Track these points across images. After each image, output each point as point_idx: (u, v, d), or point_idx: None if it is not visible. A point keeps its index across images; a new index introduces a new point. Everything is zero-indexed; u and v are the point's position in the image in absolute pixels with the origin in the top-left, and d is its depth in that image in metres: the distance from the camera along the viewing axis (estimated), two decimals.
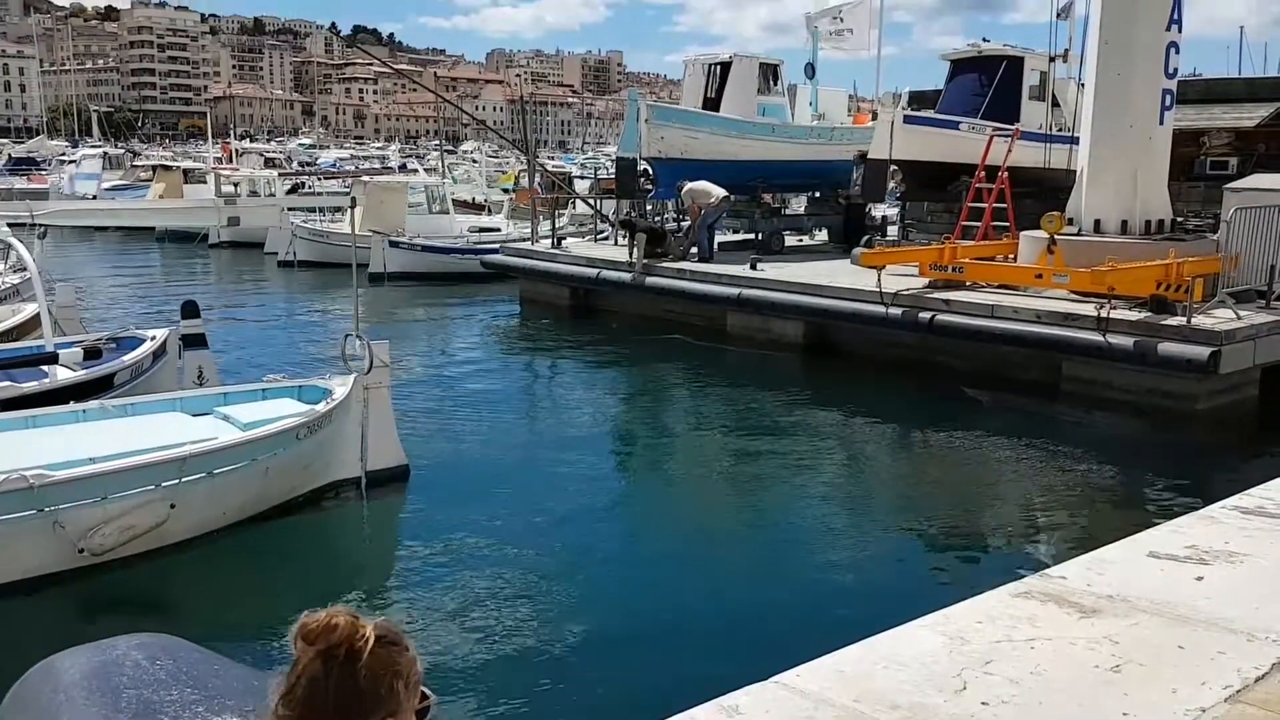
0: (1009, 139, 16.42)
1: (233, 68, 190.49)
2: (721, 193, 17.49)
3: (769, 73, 20.24)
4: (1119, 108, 13.84)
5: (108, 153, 50.09)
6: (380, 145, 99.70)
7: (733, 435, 11.67)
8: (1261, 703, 3.16)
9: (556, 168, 44.16)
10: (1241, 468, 9.66)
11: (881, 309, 13.67)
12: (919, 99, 21.82)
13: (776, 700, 3.15)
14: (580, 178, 39.07)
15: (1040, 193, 16.41)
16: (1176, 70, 14.09)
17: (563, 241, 20.37)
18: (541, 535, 8.11)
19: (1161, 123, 13.96)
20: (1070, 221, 13.99)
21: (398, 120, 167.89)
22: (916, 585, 7.44)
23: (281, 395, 9.00)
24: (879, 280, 13.72)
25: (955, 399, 12.54)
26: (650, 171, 18.95)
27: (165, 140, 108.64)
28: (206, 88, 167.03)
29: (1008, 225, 15.76)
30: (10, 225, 11.20)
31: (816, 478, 10.09)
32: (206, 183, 35.94)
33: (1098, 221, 13.95)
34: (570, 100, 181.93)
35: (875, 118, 19.93)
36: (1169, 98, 13.96)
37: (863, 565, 7.83)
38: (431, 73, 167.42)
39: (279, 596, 6.93)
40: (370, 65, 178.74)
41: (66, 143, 74.52)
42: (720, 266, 16.69)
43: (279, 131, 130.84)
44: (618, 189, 20.84)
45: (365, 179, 31.63)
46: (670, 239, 17.91)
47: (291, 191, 35.76)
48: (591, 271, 18.19)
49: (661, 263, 17.25)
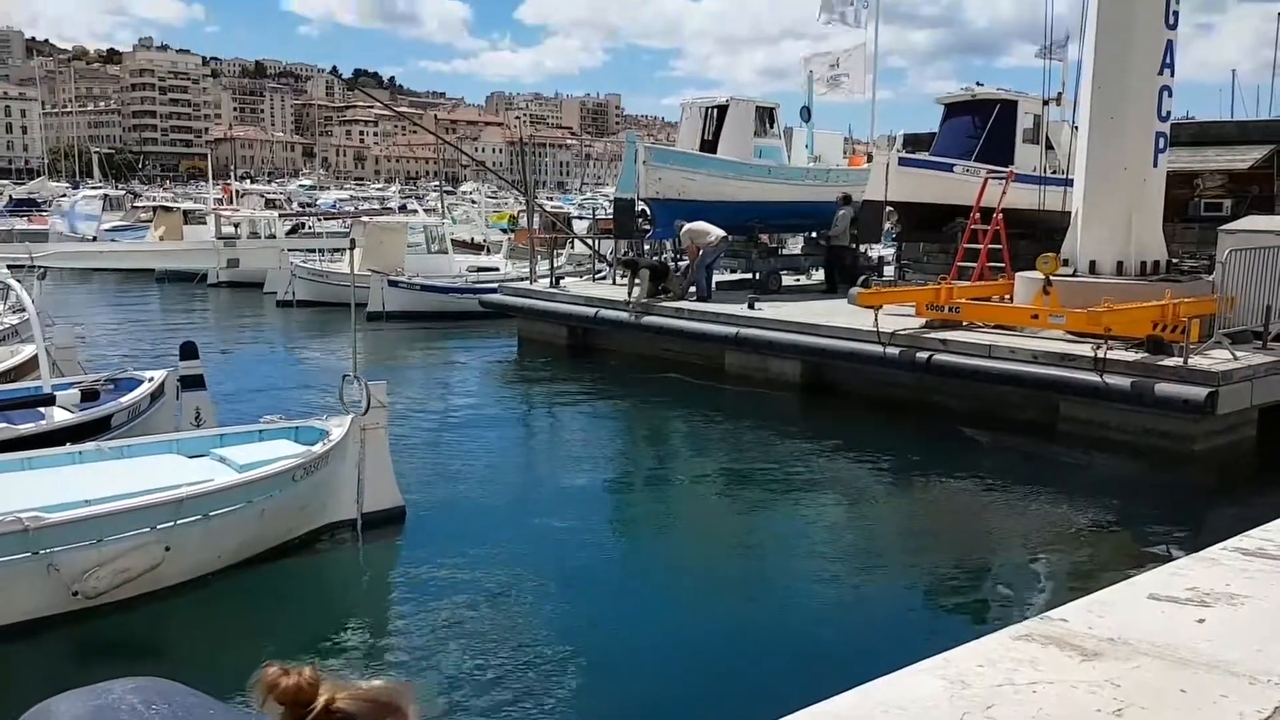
0: (1003, 181, 16.55)
1: (234, 110, 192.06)
2: (720, 233, 17.60)
3: (765, 115, 20.43)
4: (1113, 150, 13.97)
5: (108, 194, 50.29)
6: (380, 186, 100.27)
7: (730, 475, 11.64)
8: None
9: (555, 208, 44.47)
10: (1241, 509, 9.62)
11: (879, 348, 13.70)
12: (914, 142, 22.03)
13: None
14: (579, 218, 39.28)
15: (1035, 234, 16.51)
16: (1169, 113, 14.23)
17: (561, 281, 20.46)
18: (538, 577, 8.06)
19: (1155, 165, 14.09)
20: (1065, 262, 14.06)
21: (398, 161, 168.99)
22: (915, 628, 7.39)
23: (278, 436, 8.98)
24: (876, 320, 13.77)
25: (953, 439, 12.52)
26: (648, 212, 19.07)
27: (166, 182, 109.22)
28: (207, 129, 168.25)
29: (1003, 266, 15.84)
30: (10, 267, 11.24)
31: (814, 519, 10.05)
32: (207, 224, 36.09)
33: (1093, 263, 14.03)
34: (569, 142, 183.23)
35: (870, 160, 20.11)
36: (1162, 140, 14.09)
37: (860, 608, 7.78)
38: (432, 115, 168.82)
39: (274, 640, 6.87)
40: (371, 107, 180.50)
41: (67, 184, 74.93)
42: (718, 306, 16.75)
43: (280, 173, 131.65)
44: (616, 229, 20.96)
45: (365, 219, 31.81)
46: (672, 275, 18.00)
47: (292, 232, 35.91)
48: (589, 311, 18.24)
49: (660, 302, 17.33)
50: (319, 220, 41.66)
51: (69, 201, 42.82)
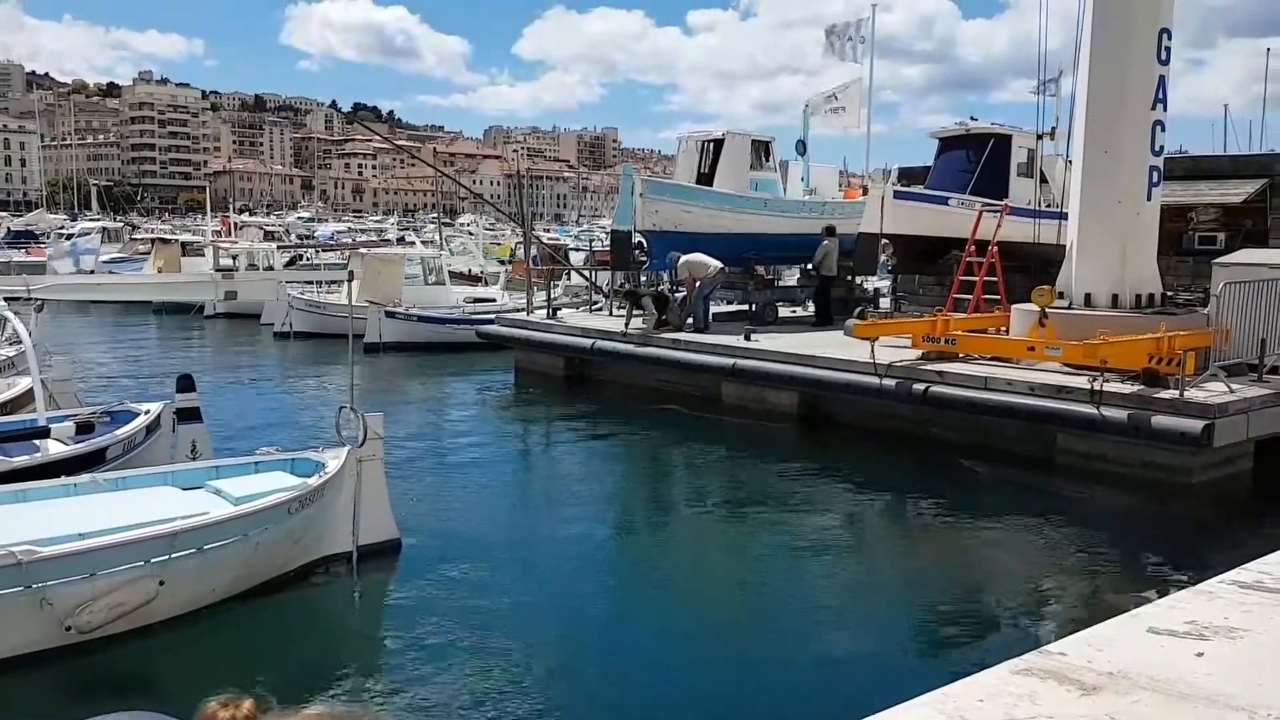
0: (998, 214, 16.64)
1: (233, 143, 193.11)
2: (718, 264, 17.69)
3: (761, 149, 20.58)
4: (1107, 184, 14.07)
5: (106, 227, 50.43)
6: (378, 218, 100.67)
7: (727, 507, 11.61)
8: None
9: (552, 240, 44.65)
10: (1238, 541, 9.61)
11: (875, 380, 13.72)
12: (908, 175, 22.17)
13: None
14: (575, 250, 39.44)
15: (1030, 267, 16.58)
16: (1163, 148, 14.36)
17: (558, 312, 20.52)
18: (534, 611, 8.02)
19: (1149, 199, 14.18)
20: (1061, 295, 14.12)
21: (396, 194, 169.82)
22: (913, 662, 7.35)
23: (274, 468, 8.96)
24: (872, 352, 13.79)
25: (950, 471, 12.51)
26: (645, 243, 19.15)
27: (164, 214, 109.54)
28: (206, 162, 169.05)
29: (999, 298, 15.90)
30: (7, 299, 11.24)
31: (811, 552, 10.01)
32: (205, 256, 36.15)
33: (1088, 295, 14.09)
34: (566, 175, 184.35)
35: (866, 193, 20.23)
36: (1156, 174, 14.20)
37: (858, 642, 7.74)
38: (430, 148, 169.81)
39: (267, 675, 6.80)
40: (370, 141, 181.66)
41: (65, 216, 75.09)
42: (715, 337, 16.79)
43: (278, 205, 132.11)
44: (612, 261, 21.05)
45: (363, 251, 31.89)
46: (672, 306, 18.05)
47: (290, 264, 35.99)
48: (586, 342, 18.28)
49: (657, 333, 17.37)
50: (317, 252, 41.77)
51: (69, 243, 42.89)
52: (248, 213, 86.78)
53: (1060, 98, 18.57)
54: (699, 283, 17.68)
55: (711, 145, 20.31)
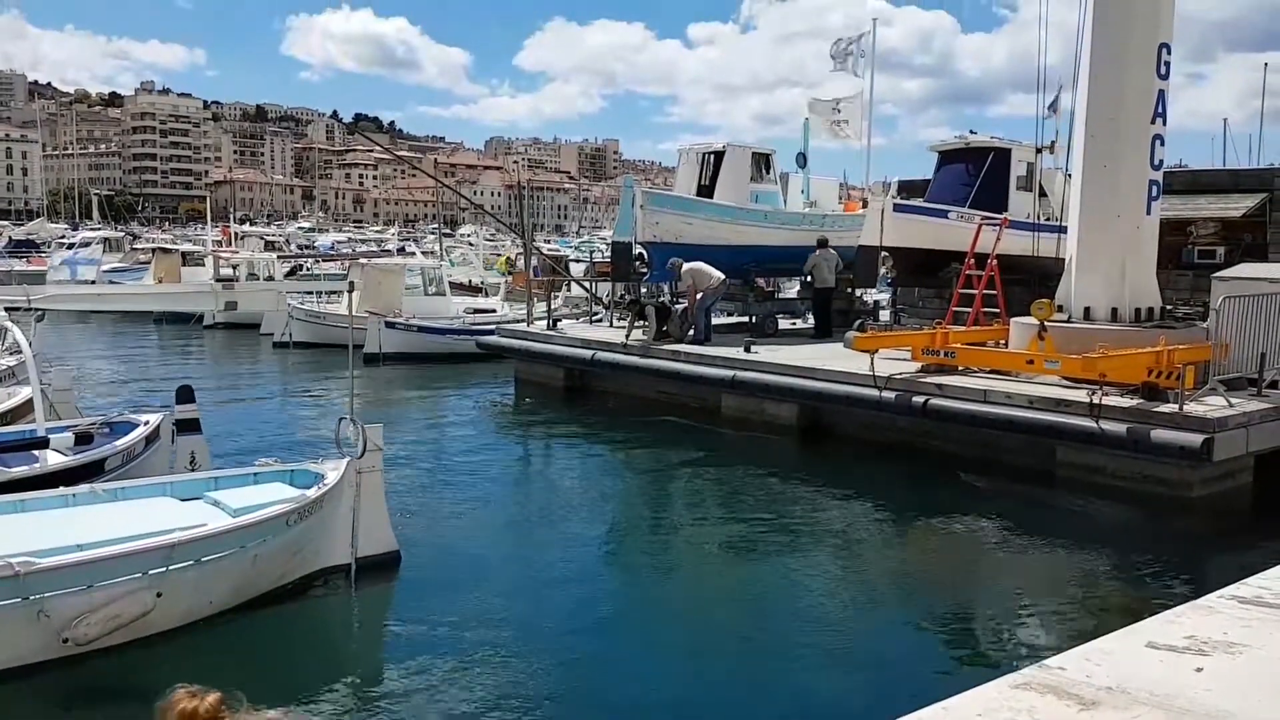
0: (998, 228, 16.67)
1: (234, 153, 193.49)
2: (719, 275, 17.71)
3: (761, 161, 20.61)
4: (1107, 198, 14.09)
5: (107, 236, 50.48)
6: (379, 229, 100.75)
7: (727, 521, 11.59)
8: None
9: (552, 250, 44.66)
10: (1238, 556, 9.59)
11: (875, 392, 13.71)
12: (908, 188, 22.21)
13: None
14: (576, 261, 39.48)
15: (1030, 280, 16.60)
16: (1162, 162, 14.39)
17: (558, 323, 20.52)
18: (533, 624, 8.00)
19: (1149, 213, 14.20)
20: (1060, 308, 14.13)
21: (396, 204, 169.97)
22: (913, 676, 7.32)
23: (273, 480, 8.95)
24: (872, 364, 13.79)
25: (950, 484, 12.49)
26: (645, 255, 19.17)
27: (165, 224, 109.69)
28: (207, 172, 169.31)
29: (998, 311, 15.91)
30: (8, 309, 11.24)
31: (811, 565, 9.99)
32: (205, 265, 36.19)
33: (1088, 309, 14.10)
34: (567, 186, 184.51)
35: (866, 205, 20.26)
36: (1155, 188, 14.22)
37: (858, 656, 7.72)
38: (431, 159, 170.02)
39: (265, 688, 6.74)
40: (371, 151, 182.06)
41: (66, 225, 75.22)
42: (714, 349, 16.79)
43: (279, 215, 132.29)
44: (613, 272, 21.07)
45: (363, 261, 31.91)
46: (674, 317, 18.05)
47: (290, 274, 36.03)
48: (586, 353, 18.28)
49: (657, 344, 17.38)
50: (317, 262, 41.80)
51: (66, 253, 42.97)
52: (248, 222, 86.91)
53: (1060, 112, 18.62)
54: (700, 294, 17.69)
55: (712, 157, 20.34)
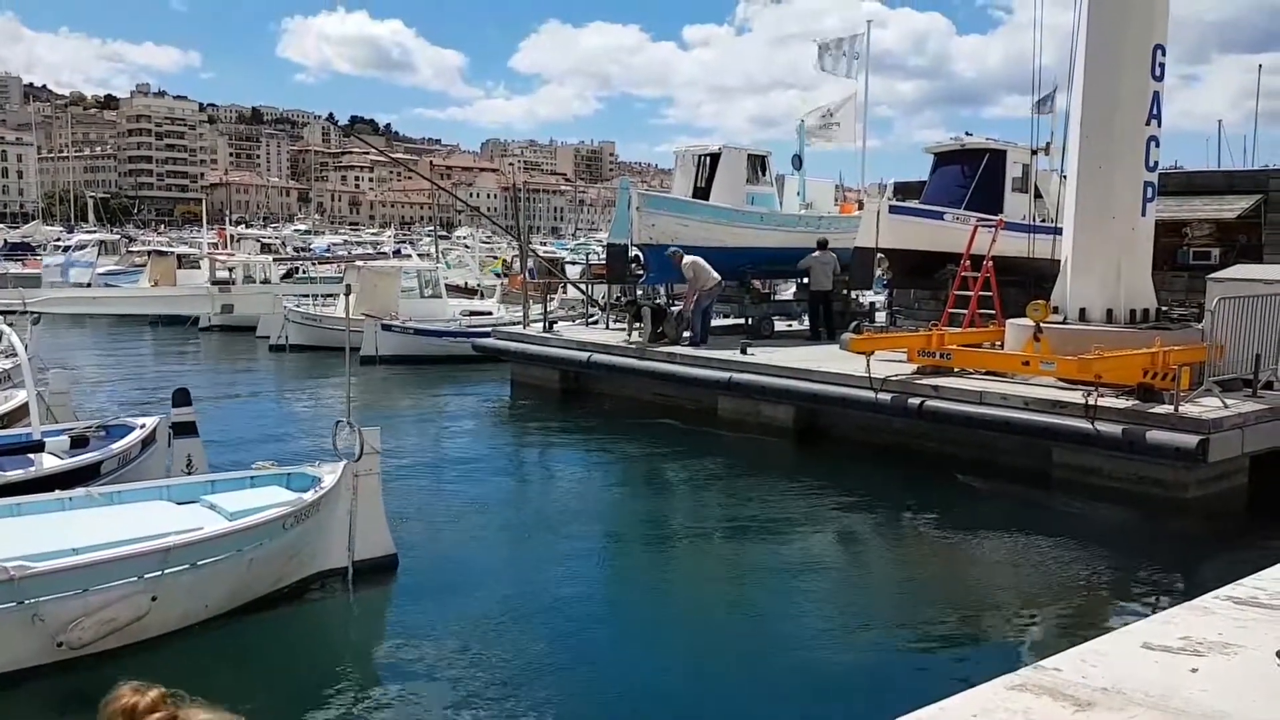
0: (993, 229, 16.70)
1: (230, 155, 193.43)
2: (717, 276, 17.73)
3: (757, 163, 20.62)
4: (1101, 200, 14.12)
5: (103, 239, 50.40)
6: (375, 231, 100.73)
7: (723, 523, 11.59)
8: None
9: (548, 253, 44.69)
10: (1232, 557, 9.60)
11: (871, 394, 13.73)
12: (904, 190, 22.25)
13: None
14: (572, 263, 39.48)
15: (1025, 282, 16.63)
16: (1157, 163, 14.40)
17: (554, 325, 20.52)
18: (530, 628, 8.00)
19: (1144, 214, 14.22)
20: (1055, 310, 14.15)
21: (392, 207, 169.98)
22: (908, 677, 7.33)
23: (269, 483, 8.93)
24: (868, 366, 13.81)
25: (947, 485, 12.51)
26: (641, 257, 19.18)
27: (161, 226, 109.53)
28: (203, 175, 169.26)
29: (994, 313, 15.93)
30: (3, 312, 11.23)
31: (807, 567, 10.00)
32: (201, 268, 36.14)
33: (1083, 310, 14.12)
34: (563, 188, 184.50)
35: (861, 207, 20.28)
36: (1150, 190, 14.24)
37: (853, 658, 7.73)
38: (427, 161, 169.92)
39: (261, 692, 6.77)
40: (366, 153, 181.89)
41: (62, 228, 75.10)
42: (710, 351, 16.79)
43: (274, 218, 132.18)
44: (609, 274, 21.08)
45: (359, 264, 31.90)
46: (670, 319, 18.05)
47: (286, 277, 36.01)
48: (582, 355, 18.28)
49: (652, 346, 17.38)
50: (313, 264, 41.76)
51: (61, 257, 42.92)
52: (244, 225, 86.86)
53: (1055, 113, 18.67)
54: (697, 295, 17.71)
55: (708, 159, 20.35)
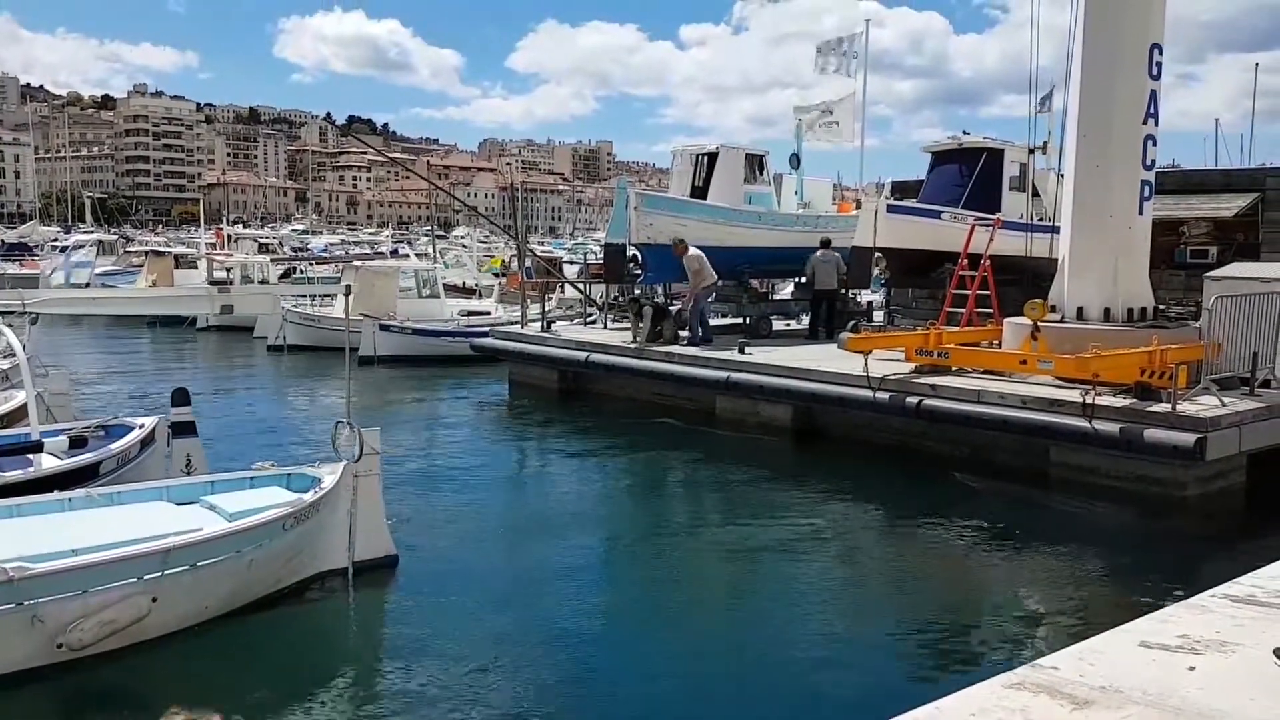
0: (991, 228, 16.72)
1: (227, 155, 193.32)
2: (715, 275, 17.74)
3: (755, 163, 20.63)
4: (1099, 199, 14.13)
5: (101, 240, 50.36)
6: (372, 231, 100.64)
7: (721, 522, 11.61)
8: None
9: (546, 253, 44.64)
10: (1230, 555, 9.63)
11: (869, 393, 13.74)
12: (902, 189, 22.27)
13: None
14: (569, 263, 39.46)
15: (1023, 280, 16.65)
16: (1154, 162, 14.42)
17: (552, 325, 20.52)
18: (529, 628, 8.00)
19: (1141, 213, 14.24)
20: (1053, 309, 14.16)
21: (390, 206, 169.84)
22: (905, 676, 7.35)
23: (269, 483, 8.94)
24: (866, 365, 13.82)
25: (944, 484, 12.52)
26: (639, 257, 19.20)
27: (158, 226, 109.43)
28: (201, 175, 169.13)
29: (991, 312, 15.95)
30: (2, 313, 11.22)
31: (804, 566, 10.01)
32: (198, 268, 36.11)
33: (1080, 309, 14.14)
34: (561, 188, 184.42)
35: (859, 206, 20.30)
36: (1148, 188, 14.26)
37: (850, 657, 7.73)
38: (424, 161, 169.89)
39: (260, 694, 6.78)
40: (364, 153, 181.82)
41: (59, 228, 75.07)
42: (708, 350, 16.81)
43: (272, 218, 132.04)
44: (606, 274, 21.08)
45: (357, 264, 31.87)
46: (669, 319, 18.05)
47: (284, 277, 35.97)
48: (580, 355, 18.29)
49: (650, 345, 17.39)
50: (311, 265, 41.72)
51: (62, 257, 42.86)
52: (241, 225, 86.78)
53: (1052, 112, 18.68)
54: (695, 295, 17.72)
55: (706, 159, 20.35)
